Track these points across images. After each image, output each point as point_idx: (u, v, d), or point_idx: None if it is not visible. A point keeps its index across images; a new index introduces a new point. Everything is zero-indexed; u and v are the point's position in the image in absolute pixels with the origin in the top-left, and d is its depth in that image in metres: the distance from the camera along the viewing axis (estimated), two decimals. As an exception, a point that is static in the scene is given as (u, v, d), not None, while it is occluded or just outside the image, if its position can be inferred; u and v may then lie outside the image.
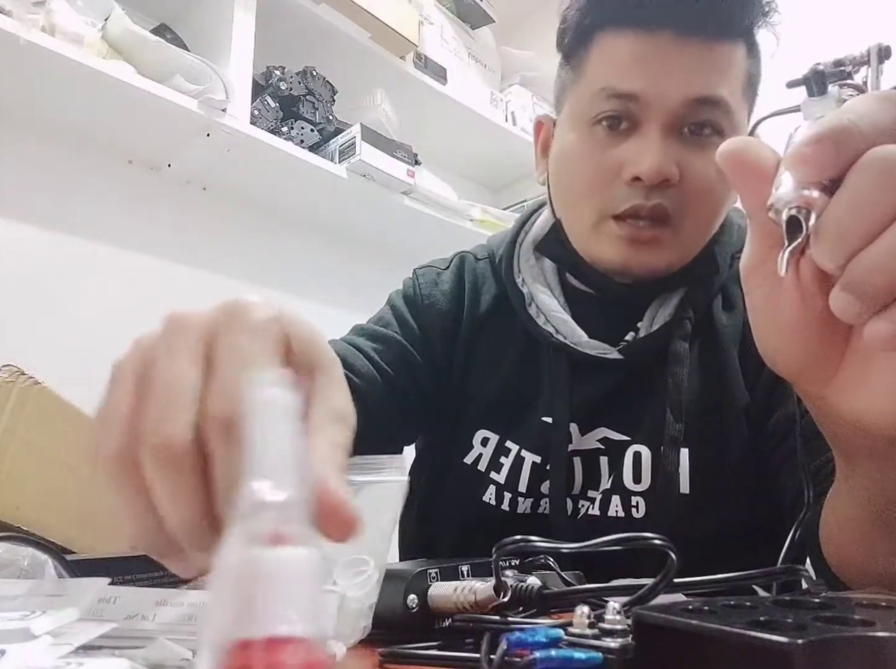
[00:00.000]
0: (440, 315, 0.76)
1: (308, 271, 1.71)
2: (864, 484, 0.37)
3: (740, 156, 0.30)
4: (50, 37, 1.12)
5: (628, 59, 0.61)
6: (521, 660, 0.25)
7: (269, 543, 0.14)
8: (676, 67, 0.60)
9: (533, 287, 0.72)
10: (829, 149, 0.27)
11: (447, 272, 0.79)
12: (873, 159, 0.26)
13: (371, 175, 1.55)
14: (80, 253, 1.35)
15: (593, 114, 0.63)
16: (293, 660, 0.13)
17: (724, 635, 0.23)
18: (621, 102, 0.61)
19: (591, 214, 0.64)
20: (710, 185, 0.62)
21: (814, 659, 0.21)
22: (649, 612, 0.26)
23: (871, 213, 0.26)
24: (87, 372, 1.46)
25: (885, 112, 0.28)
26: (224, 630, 0.13)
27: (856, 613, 0.25)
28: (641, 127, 0.61)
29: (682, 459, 0.65)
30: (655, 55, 0.60)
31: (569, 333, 0.69)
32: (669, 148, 0.60)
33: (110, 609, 0.31)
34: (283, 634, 0.13)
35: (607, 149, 0.62)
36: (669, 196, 0.61)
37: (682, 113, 0.61)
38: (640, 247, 0.63)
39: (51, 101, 1.26)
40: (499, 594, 0.35)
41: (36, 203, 1.31)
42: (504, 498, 0.70)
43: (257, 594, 0.13)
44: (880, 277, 0.26)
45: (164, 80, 1.25)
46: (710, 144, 0.61)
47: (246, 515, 0.15)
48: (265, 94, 1.46)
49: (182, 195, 1.51)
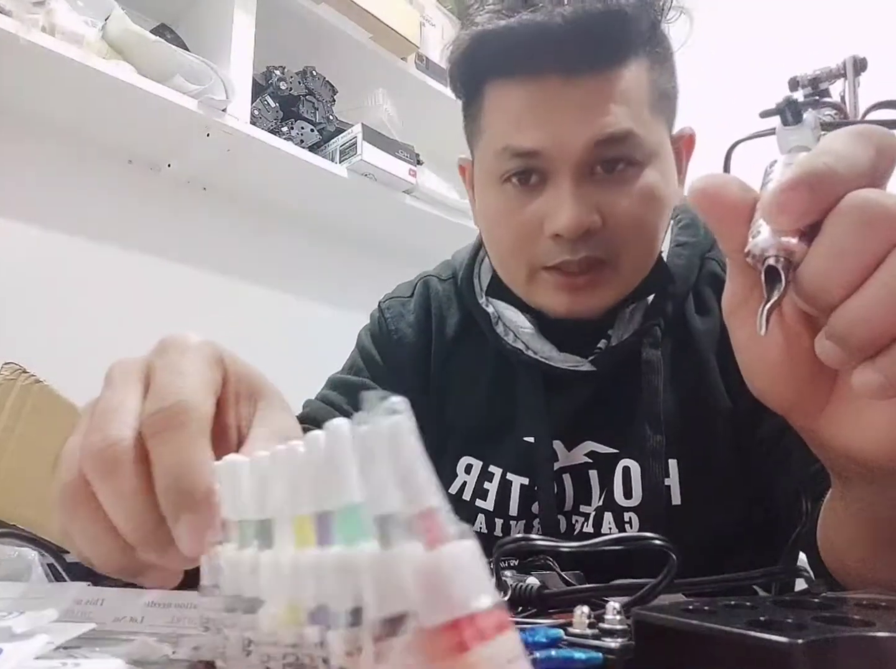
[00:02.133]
0: (410, 349, 0.75)
1: (309, 271, 1.71)
2: (859, 506, 0.37)
3: (714, 198, 0.29)
4: (50, 37, 1.12)
5: (521, 112, 0.58)
6: (521, 660, 0.25)
7: (440, 541, 0.18)
8: (572, 112, 0.57)
9: (498, 305, 0.70)
10: (804, 196, 0.26)
11: (412, 301, 0.78)
12: (851, 206, 0.25)
13: (373, 174, 1.55)
14: (80, 252, 1.35)
15: (500, 173, 0.61)
16: (492, 625, 0.17)
17: (724, 635, 0.23)
18: (524, 160, 0.59)
19: (523, 269, 0.63)
20: (637, 219, 0.59)
21: (814, 659, 0.21)
22: (649, 612, 0.26)
23: (850, 263, 0.25)
24: (88, 370, 1.46)
25: (861, 151, 0.26)
26: (425, 619, 0.17)
27: (856, 613, 0.25)
28: (551, 179, 0.59)
29: (671, 471, 0.63)
30: (547, 103, 0.57)
31: (539, 348, 0.67)
32: (584, 195, 0.57)
33: (97, 610, 0.31)
34: (483, 607, 0.17)
35: (524, 206, 0.60)
36: (597, 243, 0.58)
37: (588, 157, 0.57)
38: (578, 292, 0.61)
39: (51, 101, 1.26)
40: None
41: (36, 203, 1.31)
42: (496, 524, 0.69)
43: (450, 582, 0.17)
44: (864, 329, 0.25)
45: (164, 80, 1.25)
46: (626, 178, 0.59)
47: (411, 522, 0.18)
48: (265, 94, 1.46)
49: (182, 195, 1.51)
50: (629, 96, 0.58)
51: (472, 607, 0.17)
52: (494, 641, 0.17)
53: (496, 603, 0.17)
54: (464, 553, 0.17)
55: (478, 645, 0.16)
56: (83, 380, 1.07)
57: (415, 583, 0.17)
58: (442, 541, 0.17)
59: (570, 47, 0.55)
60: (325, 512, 0.21)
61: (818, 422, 0.32)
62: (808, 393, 0.31)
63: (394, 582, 0.17)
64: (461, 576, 0.17)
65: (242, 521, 0.24)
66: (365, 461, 0.19)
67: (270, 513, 0.23)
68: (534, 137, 0.58)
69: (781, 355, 0.30)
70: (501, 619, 0.17)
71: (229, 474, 0.25)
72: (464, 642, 0.16)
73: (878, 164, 0.27)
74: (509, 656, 0.17)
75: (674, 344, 0.66)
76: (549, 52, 0.56)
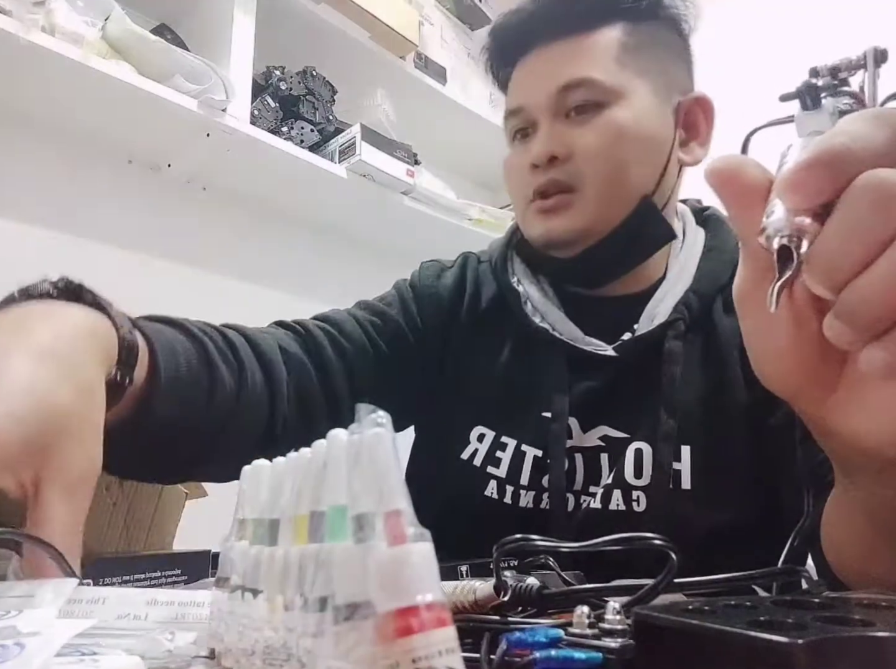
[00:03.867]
0: (440, 307, 0.79)
1: (308, 271, 1.71)
2: (863, 496, 0.37)
3: (730, 178, 0.29)
4: (50, 37, 1.12)
5: (513, 84, 0.76)
6: (521, 660, 0.25)
7: (400, 540, 0.20)
8: (542, 70, 0.72)
9: (528, 287, 0.75)
10: (820, 175, 0.26)
11: (452, 269, 0.83)
12: (865, 185, 0.25)
13: (371, 175, 1.55)
14: (79, 252, 1.35)
15: (510, 136, 0.77)
16: (433, 618, 0.19)
17: (724, 635, 0.23)
18: (516, 118, 0.74)
19: (519, 205, 0.75)
20: (601, 151, 0.68)
21: (814, 659, 0.21)
22: (649, 612, 0.26)
23: (862, 242, 0.25)
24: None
25: (878, 132, 0.26)
26: (383, 604, 0.19)
27: (856, 613, 0.25)
28: (538, 129, 0.72)
29: (683, 456, 0.66)
30: (527, 68, 0.73)
31: (565, 330, 0.72)
32: (556, 133, 0.70)
33: (99, 609, 0.31)
34: (430, 600, 0.19)
35: (522, 154, 0.73)
36: (564, 170, 0.69)
37: (558, 104, 0.70)
38: (550, 215, 0.70)
39: (51, 101, 1.26)
40: (499, 593, 0.35)
41: (35, 203, 1.31)
42: (506, 491, 0.70)
43: (401, 576, 0.19)
44: (873, 306, 0.25)
45: (164, 80, 1.25)
46: (594, 118, 0.69)
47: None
48: (265, 94, 1.46)
49: (182, 195, 1.51)
50: (593, 52, 0.70)
51: (417, 600, 0.19)
52: (433, 632, 0.19)
53: (439, 601, 0.20)
54: (417, 553, 0.20)
55: (417, 634, 0.19)
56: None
57: (374, 575, 0.20)
58: (402, 541, 0.20)
59: (550, 21, 0.71)
60: (319, 512, 0.23)
61: (825, 409, 0.32)
62: (816, 379, 0.32)
63: (359, 574, 0.20)
64: (411, 573, 0.20)
65: (256, 520, 0.27)
66: (351, 466, 0.22)
67: (278, 513, 0.26)
68: (517, 97, 0.74)
69: (790, 338, 0.31)
70: (442, 615, 0.19)
71: (252, 476, 0.28)
72: (405, 628, 0.19)
73: (894, 145, 0.27)
74: (444, 647, 0.19)
75: (700, 341, 0.70)
76: (536, 31, 0.72)
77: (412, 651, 0.18)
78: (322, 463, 0.23)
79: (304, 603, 0.22)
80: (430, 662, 0.18)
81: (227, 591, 0.27)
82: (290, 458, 0.26)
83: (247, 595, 0.26)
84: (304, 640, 0.21)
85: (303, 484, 0.25)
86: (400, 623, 0.19)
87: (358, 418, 0.22)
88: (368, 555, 0.20)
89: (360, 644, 0.19)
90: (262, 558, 0.25)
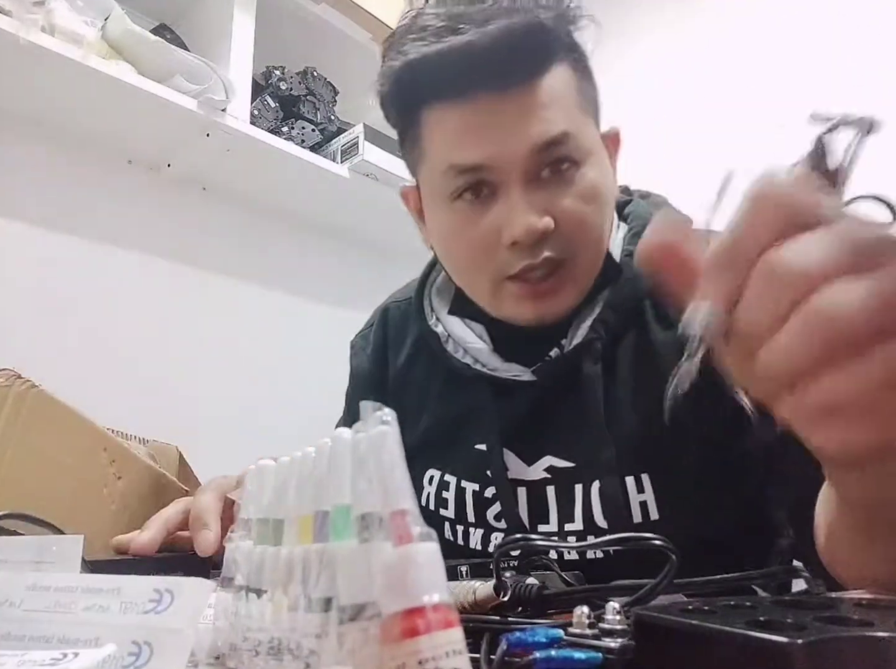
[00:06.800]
0: (368, 379, 0.81)
1: (309, 271, 1.71)
2: (845, 497, 0.37)
3: (664, 259, 0.30)
4: (50, 37, 1.12)
5: (460, 132, 0.61)
6: (521, 660, 0.25)
7: (406, 540, 0.20)
8: (509, 123, 0.59)
9: (449, 323, 0.72)
10: (722, 276, 0.28)
11: (371, 332, 0.83)
12: (759, 273, 0.27)
13: (374, 174, 1.54)
14: (79, 252, 1.35)
15: (450, 192, 0.62)
16: (440, 619, 0.19)
17: (724, 635, 0.23)
18: (472, 175, 0.61)
19: (486, 281, 0.64)
20: (583, 216, 0.61)
21: (814, 659, 0.21)
22: (649, 612, 0.26)
23: (765, 316, 0.27)
24: (87, 370, 1.46)
25: (761, 217, 0.28)
26: (388, 604, 0.19)
27: (855, 613, 0.25)
28: (501, 190, 0.60)
29: (645, 485, 0.62)
30: (484, 119, 0.59)
31: (486, 361, 0.69)
32: (535, 200, 0.60)
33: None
34: (437, 601, 0.19)
35: (478, 220, 0.62)
36: (553, 244, 0.60)
37: (533, 164, 0.60)
38: (543, 299, 0.63)
39: (51, 101, 1.26)
40: (499, 594, 0.35)
41: (35, 203, 1.31)
42: (457, 531, 0.69)
43: (407, 577, 0.19)
44: (781, 361, 0.27)
45: (164, 80, 1.25)
46: (570, 177, 0.61)
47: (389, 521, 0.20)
48: (265, 93, 1.46)
49: (182, 195, 1.51)
50: (559, 100, 0.60)
51: (424, 601, 0.19)
52: (440, 634, 0.19)
53: (445, 602, 0.19)
54: (424, 553, 0.20)
55: (423, 635, 0.19)
56: (83, 380, 1.08)
57: (380, 576, 0.19)
58: (408, 541, 0.20)
59: (498, 64, 0.58)
60: (323, 512, 0.23)
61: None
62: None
63: (363, 574, 0.20)
64: (418, 573, 0.19)
65: (260, 520, 0.27)
66: (356, 466, 0.21)
67: (283, 514, 0.26)
68: (476, 153, 0.60)
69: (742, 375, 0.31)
70: (449, 616, 0.19)
71: (257, 477, 0.28)
72: (411, 630, 0.19)
73: (775, 220, 0.28)
74: (451, 649, 0.19)
75: (634, 356, 0.66)
76: (481, 71, 0.58)
77: (418, 653, 0.18)
78: (326, 463, 0.23)
79: (308, 604, 0.22)
80: (436, 664, 0.18)
81: (232, 591, 0.27)
82: (294, 459, 0.26)
83: (251, 596, 0.26)
84: (308, 641, 0.21)
85: (307, 483, 0.25)
86: (406, 624, 0.19)
87: (363, 416, 0.22)
88: (373, 555, 0.20)
89: (365, 644, 0.19)
90: (267, 558, 0.25)
